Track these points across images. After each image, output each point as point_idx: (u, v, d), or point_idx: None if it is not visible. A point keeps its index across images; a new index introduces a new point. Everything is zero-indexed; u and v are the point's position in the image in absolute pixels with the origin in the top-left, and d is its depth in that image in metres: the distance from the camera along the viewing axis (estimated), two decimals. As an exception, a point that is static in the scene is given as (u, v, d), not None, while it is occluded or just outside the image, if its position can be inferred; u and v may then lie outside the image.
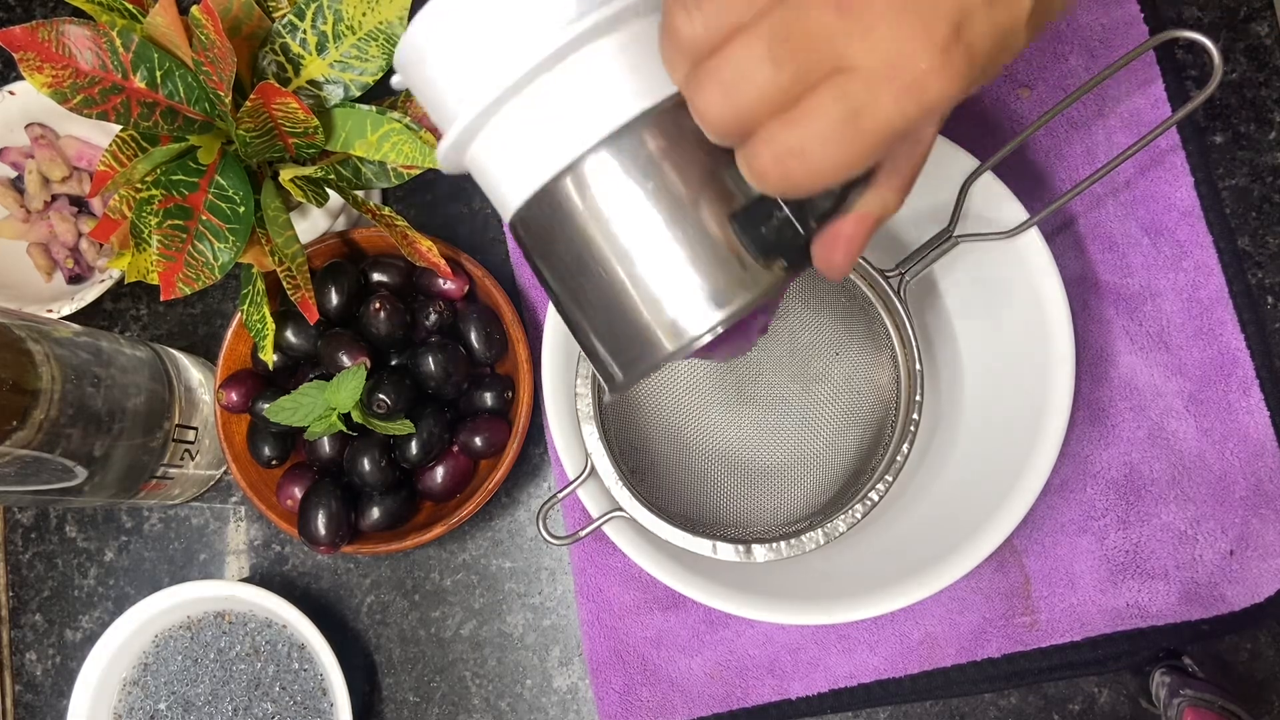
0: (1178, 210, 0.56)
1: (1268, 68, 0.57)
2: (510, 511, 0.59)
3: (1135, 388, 0.55)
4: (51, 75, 0.44)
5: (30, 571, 0.61)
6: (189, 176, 0.47)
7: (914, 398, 0.48)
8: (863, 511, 0.47)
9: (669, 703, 0.55)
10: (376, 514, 0.54)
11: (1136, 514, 0.54)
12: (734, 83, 0.26)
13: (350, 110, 0.49)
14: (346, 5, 0.48)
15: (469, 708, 0.57)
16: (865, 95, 0.25)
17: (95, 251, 0.63)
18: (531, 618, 0.58)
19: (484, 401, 0.55)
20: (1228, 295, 0.55)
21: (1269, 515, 0.53)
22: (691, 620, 0.56)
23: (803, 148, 0.26)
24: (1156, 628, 0.53)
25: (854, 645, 0.55)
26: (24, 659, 0.60)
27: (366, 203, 0.51)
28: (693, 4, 0.27)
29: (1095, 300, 0.56)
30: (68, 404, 0.47)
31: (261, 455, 0.55)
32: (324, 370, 0.54)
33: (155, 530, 0.61)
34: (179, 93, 0.47)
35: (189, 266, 0.47)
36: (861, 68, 0.25)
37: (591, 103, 0.30)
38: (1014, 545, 0.55)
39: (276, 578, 0.60)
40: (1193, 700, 0.49)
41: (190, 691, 0.57)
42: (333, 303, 0.54)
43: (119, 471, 0.52)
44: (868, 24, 0.25)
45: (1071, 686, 0.54)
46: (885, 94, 0.25)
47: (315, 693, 0.56)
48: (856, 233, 0.30)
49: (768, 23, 0.26)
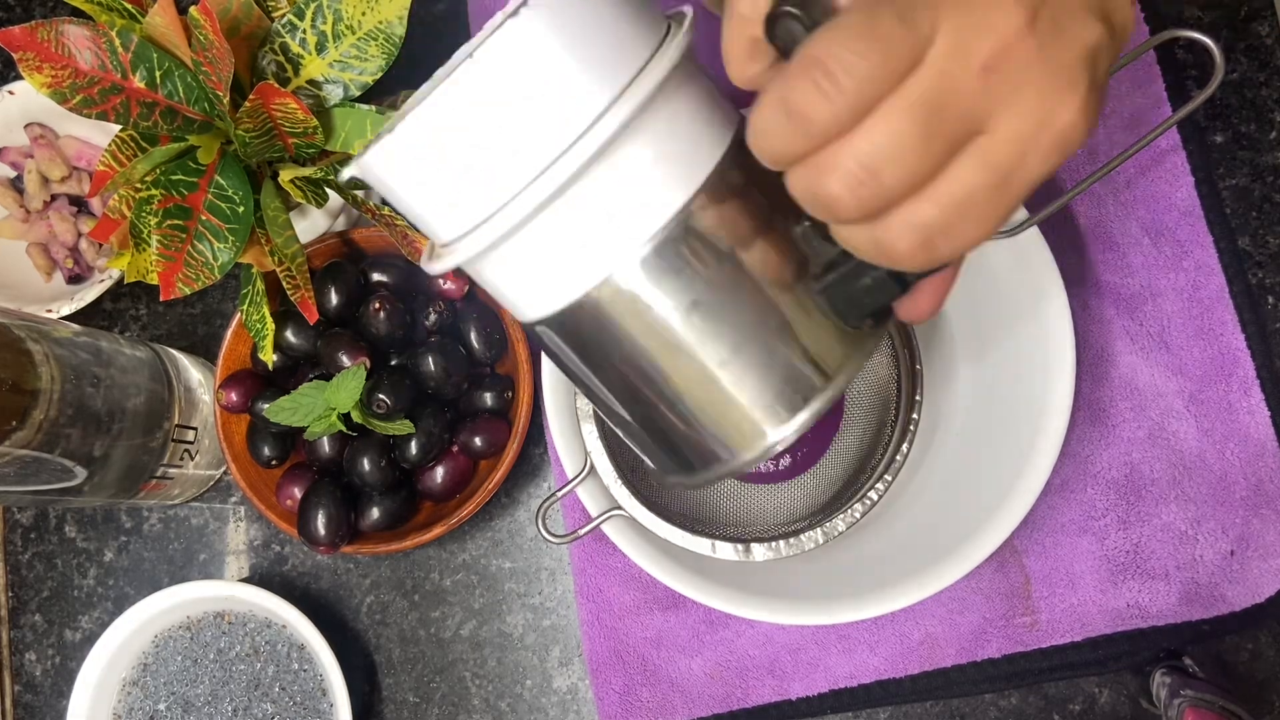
0: (1178, 210, 0.56)
1: (1268, 67, 0.57)
2: (510, 511, 0.59)
3: (1136, 388, 0.55)
4: (51, 75, 0.44)
5: (30, 572, 0.61)
6: (188, 176, 0.47)
7: (914, 397, 0.48)
8: (862, 511, 0.47)
9: (669, 703, 0.55)
10: (376, 514, 0.54)
11: (1137, 514, 0.54)
12: (878, 164, 0.23)
13: (350, 110, 0.49)
14: (346, 5, 0.48)
15: (469, 708, 0.57)
16: (1014, 157, 0.24)
17: (95, 251, 0.62)
18: (531, 618, 0.58)
19: (484, 401, 0.55)
20: (1228, 295, 0.55)
21: (1269, 515, 0.53)
22: (691, 620, 0.56)
23: (951, 223, 0.24)
24: (1157, 628, 0.53)
25: (854, 645, 0.55)
26: (23, 659, 0.60)
27: (366, 202, 0.51)
28: (825, 78, 0.23)
29: (1095, 300, 0.56)
30: (67, 404, 0.47)
31: (261, 455, 0.55)
32: (324, 370, 0.54)
33: (155, 530, 0.61)
34: (178, 93, 0.47)
35: (188, 266, 0.47)
36: (1007, 129, 0.24)
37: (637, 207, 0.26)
38: (1014, 545, 0.55)
39: (276, 578, 0.60)
40: (1193, 700, 0.49)
41: (190, 692, 0.57)
42: (332, 303, 0.53)
43: (118, 471, 0.52)
44: (1014, 84, 0.23)
45: (1072, 687, 0.54)
46: (1034, 154, 0.24)
47: (315, 693, 0.56)
48: (951, 277, 0.29)
49: (915, 93, 0.23)
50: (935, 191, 0.24)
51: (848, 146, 0.24)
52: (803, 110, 0.23)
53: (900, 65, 0.23)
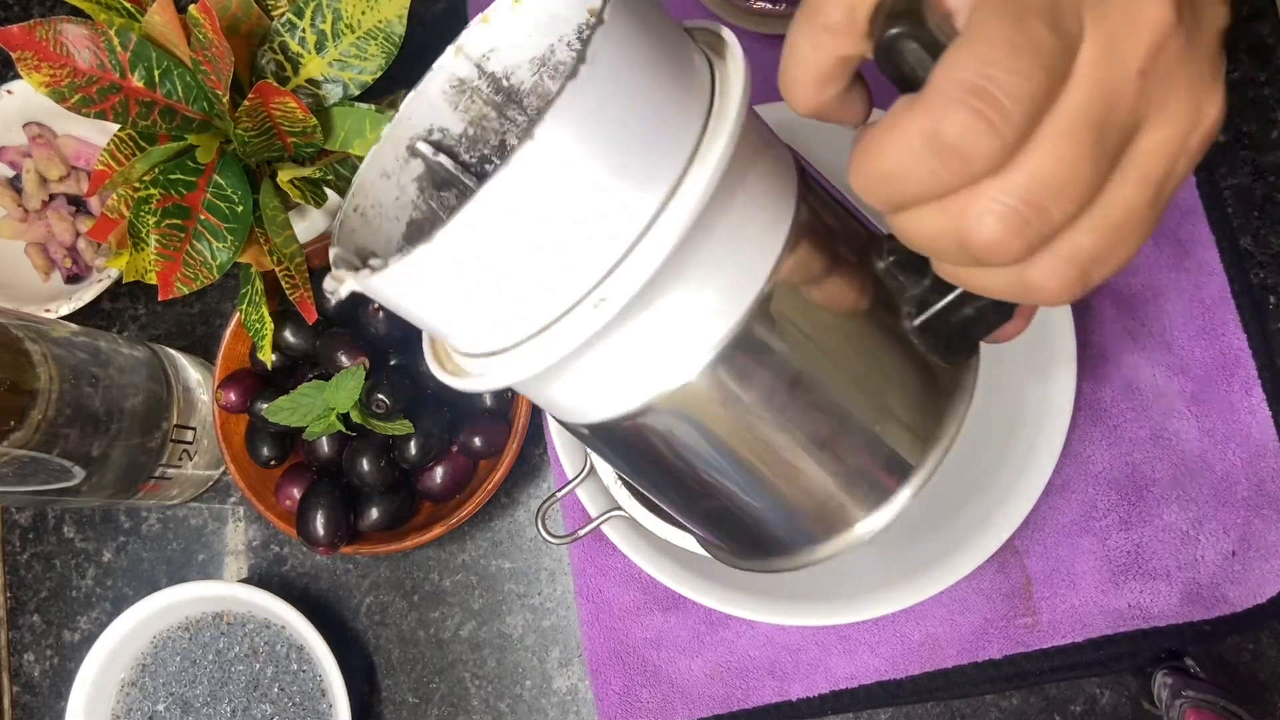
0: (1180, 209, 0.56)
1: (1270, 66, 0.57)
2: (510, 512, 0.59)
3: (1137, 388, 0.55)
4: (49, 74, 0.44)
5: (28, 572, 0.61)
6: (187, 176, 0.47)
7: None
8: (863, 512, 0.47)
9: (669, 704, 0.55)
10: (375, 514, 0.54)
11: (1138, 514, 0.54)
12: (1045, 198, 0.20)
13: (349, 109, 0.49)
14: (345, 4, 0.47)
15: (468, 709, 0.57)
16: (1168, 165, 0.22)
17: (93, 251, 0.62)
18: (531, 618, 0.58)
19: (484, 401, 0.55)
20: (1230, 295, 0.55)
21: (1271, 515, 0.53)
22: (691, 621, 0.55)
23: (1108, 249, 0.22)
24: (1158, 628, 0.53)
25: (855, 646, 0.54)
26: (22, 660, 0.60)
27: (365, 202, 0.50)
28: (990, 106, 0.20)
29: (1097, 299, 0.56)
30: (65, 404, 0.47)
31: (260, 455, 0.55)
32: (323, 370, 0.54)
33: (153, 531, 0.61)
34: (177, 92, 0.46)
35: (187, 266, 0.47)
36: (1161, 136, 0.21)
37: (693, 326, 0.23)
38: (1015, 546, 0.54)
39: (275, 578, 0.60)
40: (1194, 701, 0.48)
41: (188, 692, 0.56)
42: (331, 302, 0.53)
43: (117, 472, 0.52)
44: (1167, 85, 0.21)
45: (1073, 688, 0.54)
46: (1185, 157, 0.22)
47: (314, 694, 0.55)
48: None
49: (1075, 110, 0.20)
50: (1092, 219, 0.21)
51: (1006, 181, 0.20)
52: (962, 146, 0.20)
53: (1059, 81, 0.20)
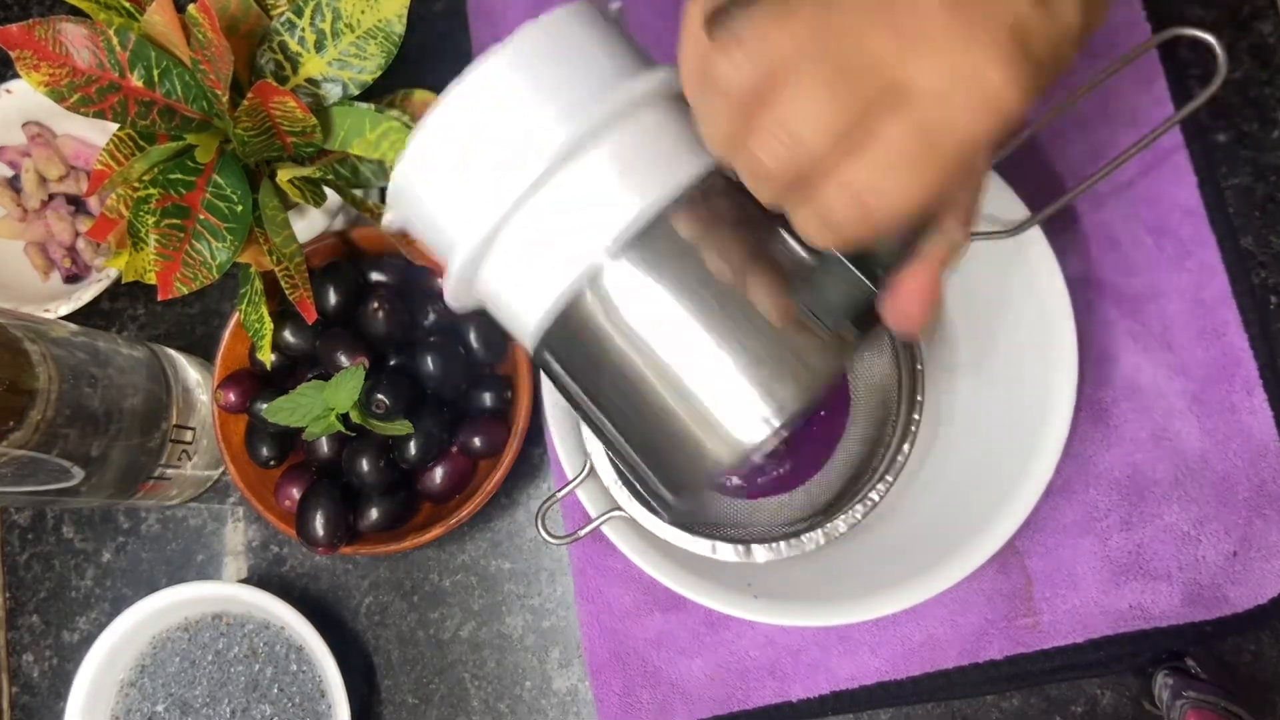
0: (1181, 210, 0.56)
1: (1271, 66, 0.57)
2: (509, 512, 0.59)
3: (1138, 388, 0.55)
4: (48, 74, 0.44)
5: (27, 572, 0.61)
6: (186, 175, 0.47)
7: (915, 397, 0.48)
8: (863, 512, 0.47)
9: (669, 705, 0.55)
10: (375, 515, 0.54)
11: (1139, 515, 0.54)
12: (795, 125, 0.25)
13: (349, 109, 0.49)
14: (345, 3, 0.47)
15: (468, 709, 0.57)
16: (938, 115, 0.24)
17: (92, 251, 0.62)
18: (531, 619, 0.58)
19: (483, 402, 0.55)
20: (1231, 295, 0.55)
21: (1272, 516, 0.53)
22: (692, 622, 0.55)
23: (881, 181, 0.25)
24: (1159, 629, 0.53)
25: (855, 647, 0.54)
26: (21, 660, 0.60)
27: (365, 202, 0.50)
28: (731, 44, 0.25)
29: (1098, 300, 0.56)
30: (65, 404, 0.47)
31: (259, 456, 0.55)
32: (322, 370, 0.54)
33: (153, 531, 0.61)
34: (176, 91, 0.46)
35: (187, 266, 0.47)
36: (928, 89, 0.24)
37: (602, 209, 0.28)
38: (1016, 546, 0.54)
39: (275, 579, 0.60)
40: (1195, 702, 0.48)
41: (188, 693, 0.56)
42: (331, 302, 0.53)
43: (116, 472, 0.52)
44: (931, 44, 0.24)
45: (1074, 688, 0.54)
46: (960, 111, 0.24)
47: (313, 694, 0.55)
48: (931, 277, 0.29)
49: (821, 55, 0.24)
50: (860, 152, 0.25)
51: (764, 109, 0.25)
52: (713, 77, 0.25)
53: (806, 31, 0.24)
